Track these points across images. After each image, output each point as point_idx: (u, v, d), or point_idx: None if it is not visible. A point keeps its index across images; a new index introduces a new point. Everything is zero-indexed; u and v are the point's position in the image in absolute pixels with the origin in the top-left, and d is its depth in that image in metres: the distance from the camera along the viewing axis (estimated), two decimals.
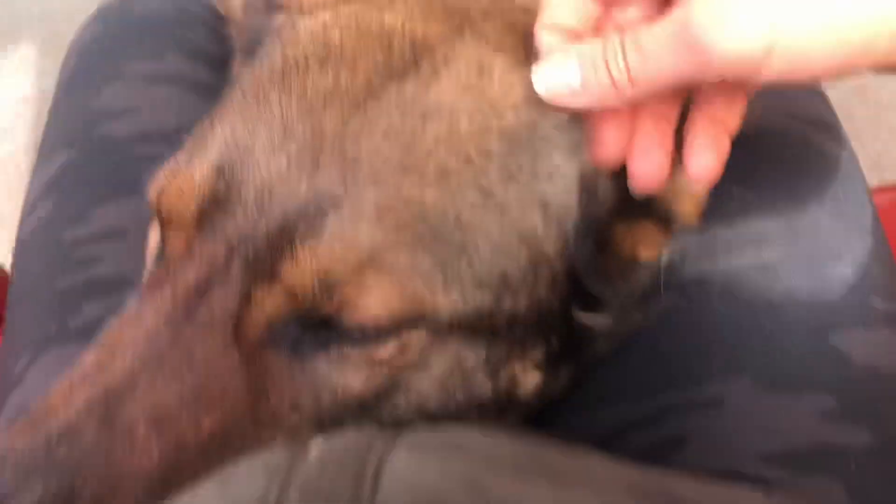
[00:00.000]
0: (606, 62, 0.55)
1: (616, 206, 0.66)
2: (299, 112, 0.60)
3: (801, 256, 0.79)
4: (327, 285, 0.56)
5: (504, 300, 0.61)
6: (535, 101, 0.60)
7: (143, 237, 0.92)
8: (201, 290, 0.59)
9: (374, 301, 0.57)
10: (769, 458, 0.69)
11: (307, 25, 0.68)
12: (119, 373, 0.57)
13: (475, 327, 0.61)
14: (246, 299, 0.58)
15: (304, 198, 0.58)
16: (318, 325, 0.59)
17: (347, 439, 0.42)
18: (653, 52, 0.53)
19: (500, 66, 0.63)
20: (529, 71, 0.60)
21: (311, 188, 0.58)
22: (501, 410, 0.68)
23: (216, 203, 0.60)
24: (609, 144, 0.60)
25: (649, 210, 0.67)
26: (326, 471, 0.38)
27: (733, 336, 0.76)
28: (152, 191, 0.65)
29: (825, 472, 0.69)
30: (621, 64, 0.54)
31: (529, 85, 0.60)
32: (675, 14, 0.52)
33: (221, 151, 0.61)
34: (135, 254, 0.91)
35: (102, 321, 0.85)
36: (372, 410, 0.62)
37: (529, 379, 0.67)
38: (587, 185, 0.64)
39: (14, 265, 1.01)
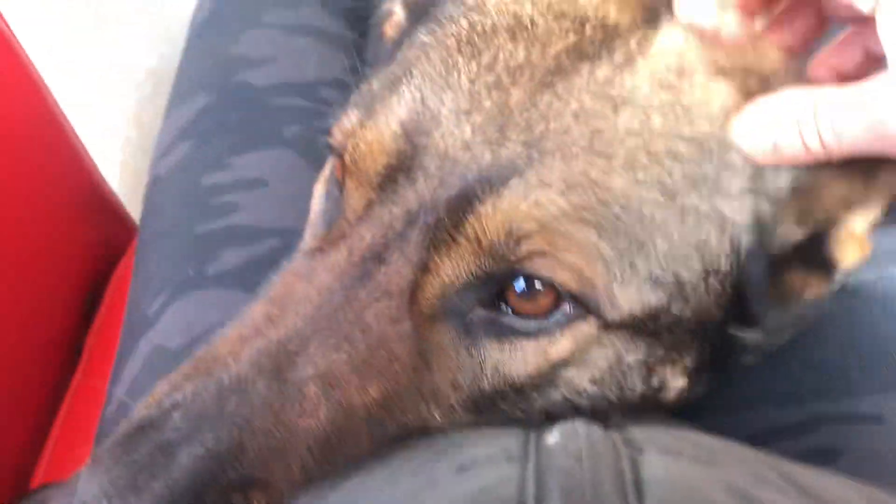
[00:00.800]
0: (801, 133, 0.57)
1: (793, 252, 0.64)
2: (486, 83, 0.59)
3: None
4: (514, 235, 0.55)
5: (673, 304, 0.60)
6: (731, 117, 0.59)
7: (284, 189, 0.93)
8: (378, 255, 0.57)
9: (557, 265, 0.55)
10: None
11: None
12: (291, 329, 0.55)
13: (640, 327, 0.60)
14: (423, 268, 0.57)
15: (486, 168, 0.56)
16: (492, 305, 0.59)
17: (587, 431, 0.40)
18: (848, 136, 0.56)
19: (701, 72, 0.61)
20: (729, 80, 0.60)
21: (494, 159, 0.56)
22: (642, 410, 0.67)
23: (400, 165, 0.58)
24: None
25: (820, 261, 0.66)
26: (583, 467, 0.36)
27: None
28: (337, 133, 0.64)
29: None
30: (816, 141, 0.57)
31: (727, 98, 0.60)
32: (868, 102, 0.55)
33: (409, 112, 0.59)
34: (274, 205, 0.91)
35: (241, 269, 0.86)
36: (524, 400, 0.61)
37: (676, 384, 0.66)
38: (764, 217, 0.62)
39: (147, 200, 1.02)
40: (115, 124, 2.14)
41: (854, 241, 0.65)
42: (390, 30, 0.86)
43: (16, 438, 1.08)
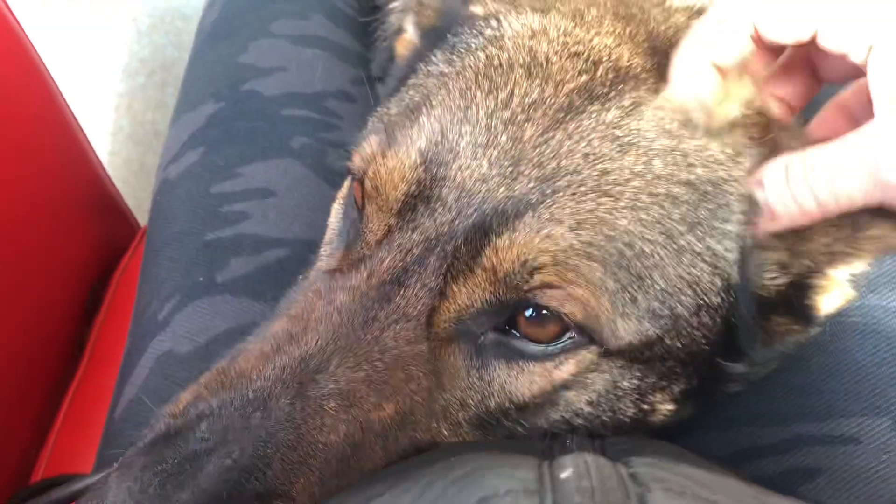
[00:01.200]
0: (794, 197, 0.60)
1: (776, 297, 0.67)
2: (503, 119, 0.62)
3: None
4: (528, 267, 0.58)
5: (667, 335, 0.63)
6: (727, 165, 0.63)
7: (291, 199, 0.95)
8: (397, 279, 0.60)
9: (565, 298, 0.59)
10: None
11: (513, 28, 0.69)
12: (312, 347, 0.58)
13: (636, 356, 0.64)
14: (440, 294, 0.60)
15: (501, 201, 0.60)
16: (503, 329, 0.62)
17: (597, 466, 0.43)
18: (844, 192, 0.58)
19: (702, 124, 0.64)
20: (727, 131, 0.64)
21: (509, 194, 0.60)
22: (632, 430, 0.70)
23: (419, 194, 0.61)
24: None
25: (802, 309, 0.69)
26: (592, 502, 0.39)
27: (875, 377, 0.76)
28: (357, 159, 0.67)
29: None
30: (810, 200, 0.59)
31: (725, 146, 0.63)
32: (862, 152, 0.57)
33: (428, 143, 0.62)
34: (282, 215, 0.93)
35: (249, 277, 0.89)
36: (526, 418, 0.64)
37: (665, 408, 0.69)
38: (750, 256, 0.65)
39: (156, 204, 1.04)
40: (106, 114, 2.15)
41: (836, 289, 0.69)
42: (402, 48, 0.89)
43: (18, 434, 1.10)
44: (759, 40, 0.61)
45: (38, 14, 2.17)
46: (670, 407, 0.70)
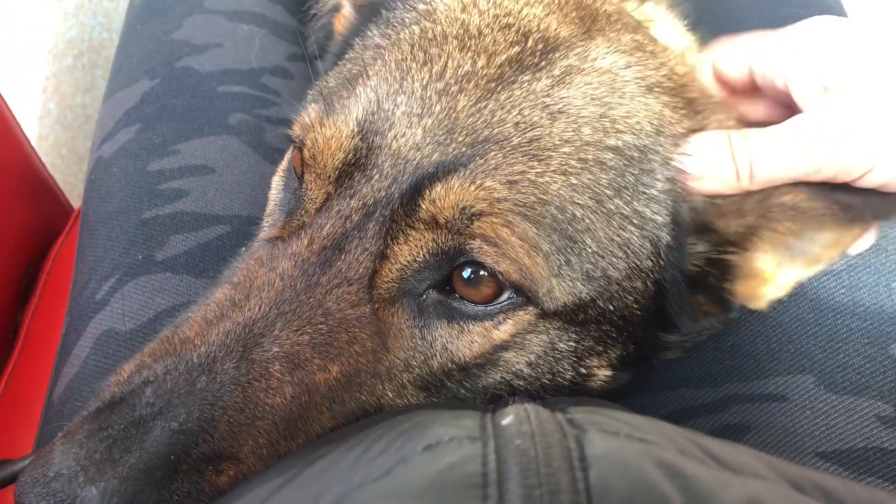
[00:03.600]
0: (735, 161, 0.65)
1: (699, 275, 0.71)
2: (437, 89, 0.63)
3: (870, 268, 0.83)
4: (467, 213, 0.60)
5: (600, 298, 0.66)
6: (653, 131, 0.66)
7: (230, 176, 0.95)
8: (337, 244, 0.61)
9: (501, 257, 0.60)
10: (826, 455, 0.73)
11: (445, 2, 0.70)
12: (255, 312, 0.59)
13: (572, 318, 0.66)
14: (381, 256, 0.61)
15: (434, 164, 0.61)
16: (443, 290, 0.64)
17: (536, 413, 0.45)
18: (779, 159, 0.65)
19: (630, 89, 0.67)
20: (653, 96, 0.67)
21: (441, 158, 0.61)
22: (572, 394, 0.72)
23: (356, 162, 0.63)
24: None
25: (719, 296, 0.73)
26: (535, 445, 0.41)
27: (799, 336, 0.80)
28: (297, 127, 0.68)
29: (878, 474, 0.72)
30: (747, 168, 0.65)
31: (651, 113, 0.66)
32: (798, 126, 0.65)
33: (365, 113, 0.64)
34: (221, 192, 0.93)
35: (190, 255, 0.88)
36: (468, 379, 0.66)
37: (602, 373, 0.72)
38: (678, 216, 0.68)
39: (90, 183, 1.02)
40: (34, 97, 2.09)
41: (758, 279, 0.72)
42: (339, 25, 0.89)
43: None
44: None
45: None
46: (608, 373, 0.73)
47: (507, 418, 0.44)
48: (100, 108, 1.12)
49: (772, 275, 0.72)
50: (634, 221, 0.65)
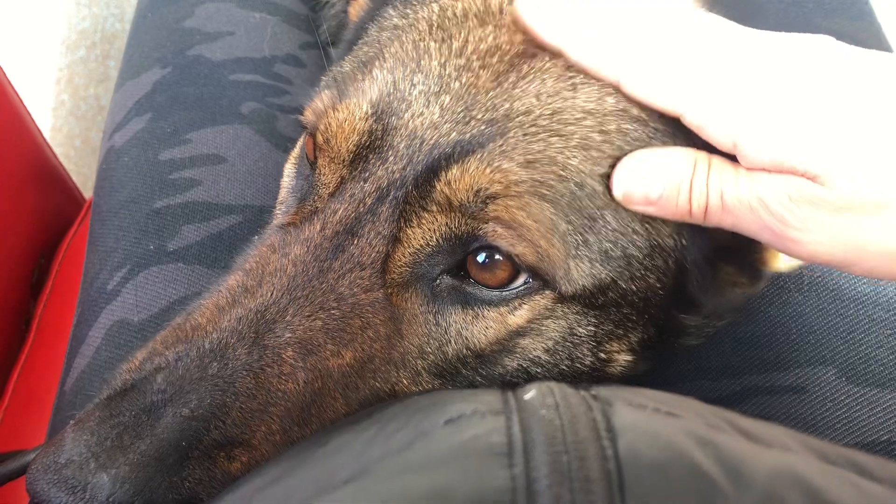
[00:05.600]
0: (691, 195, 0.59)
1: (728, 247, 0.68)
2: (457, 66, 0.62)
3: None
4: (481, 195, 0.59)
5: (620, 279, 0.64)
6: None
7: (242, 165, 0.94)
8: (350, 229, 0.60)
9: (516, 239, 0.59)
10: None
11: None
12: (268, 299, 0.58)
13: (591, 302, 0.64)
14: (394, 240, 0.60)
15: (451, 144, 0.60)
16: (458, 275, 0.62)
17: (560, 387, 0.44)
18: (737, 213, 0.57)
19: None
20: None
21: (459, 137, 0.60)
22: (592, 380, 0.71)
23: (371, 144, 0.61)
24: None
25: (750, 263, 0.70)
26: (561, 416, 0.40)
27: (820, 327, 0.79)
28: (310, 113, 0.67)
29: None
30: (702, 203, 0.58)
31: None
32: (760, 190, 0.56)
33: (380, 94, 0.62)
34: (233, 181, 0.92)
35: (202, 245, 0.87)
36: (484, 366, 0.65)
37: (623, 358, 0.70)
38: None
39: (102, 173, 1.02)
40: (47, 88, 2.09)
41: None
42: (354, 12, 0.88)
43: None
44: None
45: None
46: (628, 357, 0.71)
47: (530, 393, 0.43)
48: (111, 98, 1.12)
49: None
50: None
